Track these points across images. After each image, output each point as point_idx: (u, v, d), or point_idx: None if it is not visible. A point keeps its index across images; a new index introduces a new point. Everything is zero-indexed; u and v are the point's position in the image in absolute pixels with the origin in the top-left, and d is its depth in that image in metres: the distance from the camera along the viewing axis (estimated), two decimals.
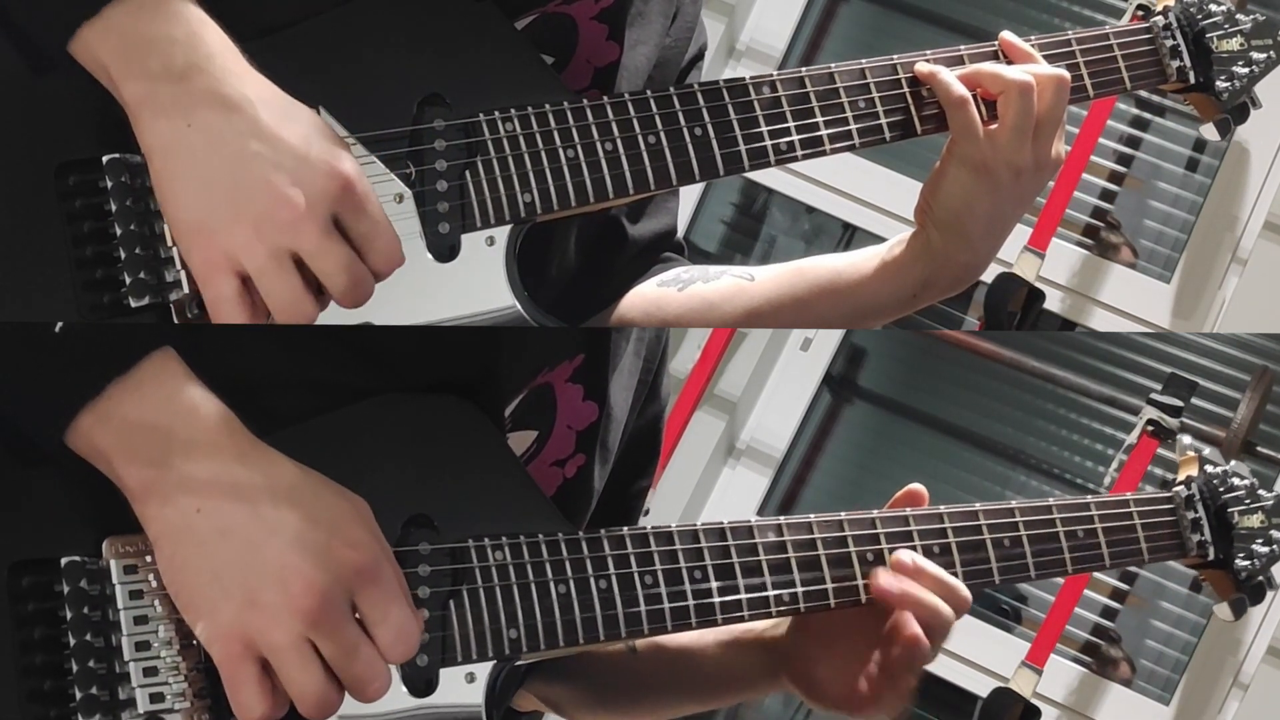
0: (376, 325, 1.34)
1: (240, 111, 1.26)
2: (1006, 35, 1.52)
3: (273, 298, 1.27)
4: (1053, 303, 3.40)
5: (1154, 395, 3.25)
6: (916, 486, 1.51)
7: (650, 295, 1.62)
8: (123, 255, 1.31)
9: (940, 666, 3.30)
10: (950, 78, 1.47)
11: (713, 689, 1.61)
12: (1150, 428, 3.21)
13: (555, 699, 1.63)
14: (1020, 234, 3.33)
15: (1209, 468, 1.61)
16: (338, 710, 1.27)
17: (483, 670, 1.35)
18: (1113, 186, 3.52)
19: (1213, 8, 1.57)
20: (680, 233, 1.68)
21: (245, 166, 1.25)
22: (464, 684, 1.34)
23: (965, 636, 3.31)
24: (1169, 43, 1.57)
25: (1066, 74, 1.49)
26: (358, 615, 1.27)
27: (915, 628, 1.44)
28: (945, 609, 1.45)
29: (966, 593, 1.47)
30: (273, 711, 1.25)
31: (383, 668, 1.27)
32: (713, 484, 3.59)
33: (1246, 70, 1.58)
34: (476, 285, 1.38)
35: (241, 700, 1.25)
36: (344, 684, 1.26)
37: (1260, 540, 1.59)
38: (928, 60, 1.49)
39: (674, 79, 1.58)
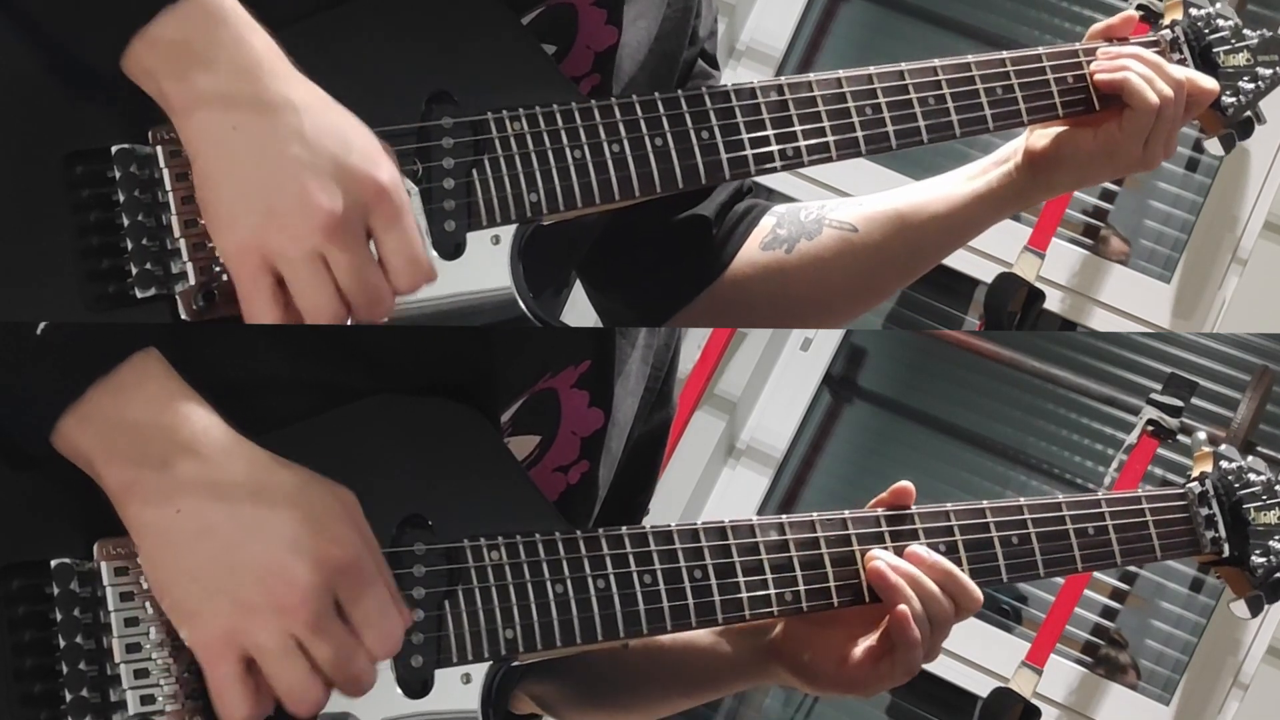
0: (373, 325, 1.33)
1: (283, 115, 1.26)
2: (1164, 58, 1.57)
3: (303, 298, 1.26)
4: (1053, 303, 3.39)
5: (1154, 395, 3.25)
6: (905, 484, 1.52)
7: (761, 261, 1.66)
8: (129, 246, 1.31)
9: (940, 666, 3.30)
10: (1144, 85, 1.53)
11: (707, 680, 1.61)
12: (1150, 428, 3.21)
13: (546, 697, 1.62)
14: (1020, 234, 3.33)
15: (1224, 463, 1.59)
16: (324, 708, 1.26)
17: (479, 671, 1.34)
18: (1113, 186, 3.52)
19: (1220, 22, 1.58)
20: None
21: (284, 169, 1.25)
22: (460, 685, 1.34)
23: (965, 636, 3.30)
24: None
25: (1216, 85, 1.57)
26: (342, 613, 1.26)
27: (909, 618, 1.45)
28: (943, 600, 1.46)
29: (978, 592, 1.48)
30: (257, 712, 1.24)
31: (369, 664, 1.27)
32: (713, 484, 3.58)
33: (1252, 85, 1.58)
34: (481, 283, 1.38)
35: (225, 702, 1.24)
36: (330, 681, 1.26)
37: (1277, 537, 1.57)
38: (1103, 58, 1.54)
39: (679, 51, 1.59)
